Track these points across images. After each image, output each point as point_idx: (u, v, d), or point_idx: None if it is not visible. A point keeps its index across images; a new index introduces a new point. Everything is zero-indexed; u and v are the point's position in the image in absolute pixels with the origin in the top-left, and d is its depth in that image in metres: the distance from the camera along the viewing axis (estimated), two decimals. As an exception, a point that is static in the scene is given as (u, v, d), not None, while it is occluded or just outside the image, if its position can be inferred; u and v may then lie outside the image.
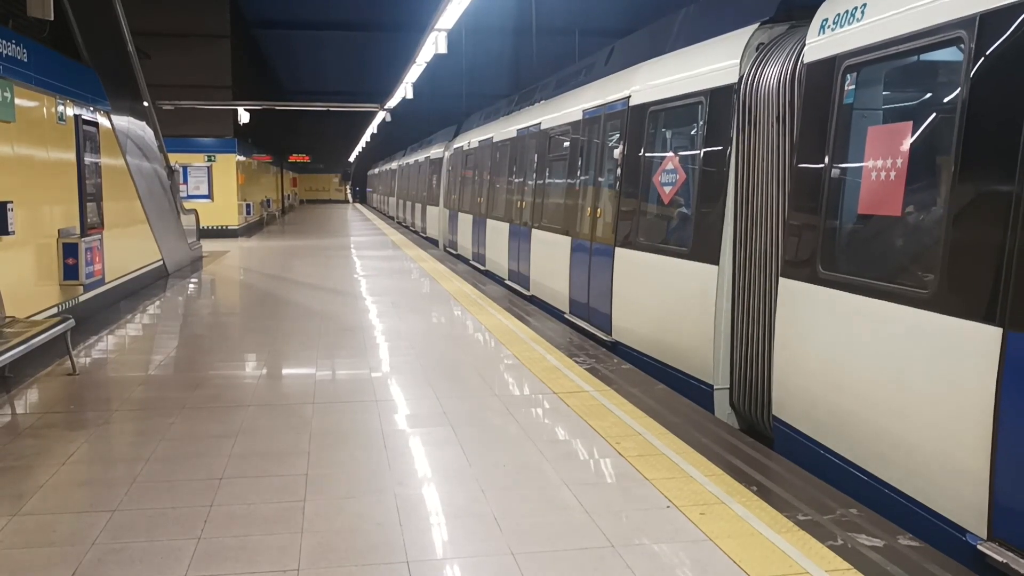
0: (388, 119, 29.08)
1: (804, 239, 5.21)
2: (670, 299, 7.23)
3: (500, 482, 4.50)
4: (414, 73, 19.03)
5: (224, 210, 24.19)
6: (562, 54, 22.44)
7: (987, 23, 3.76)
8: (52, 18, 8.47)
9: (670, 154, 7.64)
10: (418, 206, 27.16)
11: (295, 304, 11.16)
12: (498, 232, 14.31)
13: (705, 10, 7.76)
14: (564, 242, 10.25)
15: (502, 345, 8.15)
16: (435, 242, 22.59)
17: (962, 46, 3.92)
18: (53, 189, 8.95)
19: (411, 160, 30.71)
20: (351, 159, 67.21)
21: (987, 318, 3.63)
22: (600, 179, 9.27)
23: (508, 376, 6.92)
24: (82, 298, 9.47)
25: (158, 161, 14.60)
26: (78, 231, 9.47)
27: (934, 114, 4.43)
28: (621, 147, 8.44)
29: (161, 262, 13.85)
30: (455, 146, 20.38)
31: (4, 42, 7.60)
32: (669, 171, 7.44)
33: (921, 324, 4.05)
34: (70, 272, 9.00)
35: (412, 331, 8.92)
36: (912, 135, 4.37)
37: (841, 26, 4.98)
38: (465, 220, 17.64)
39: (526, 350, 7.90)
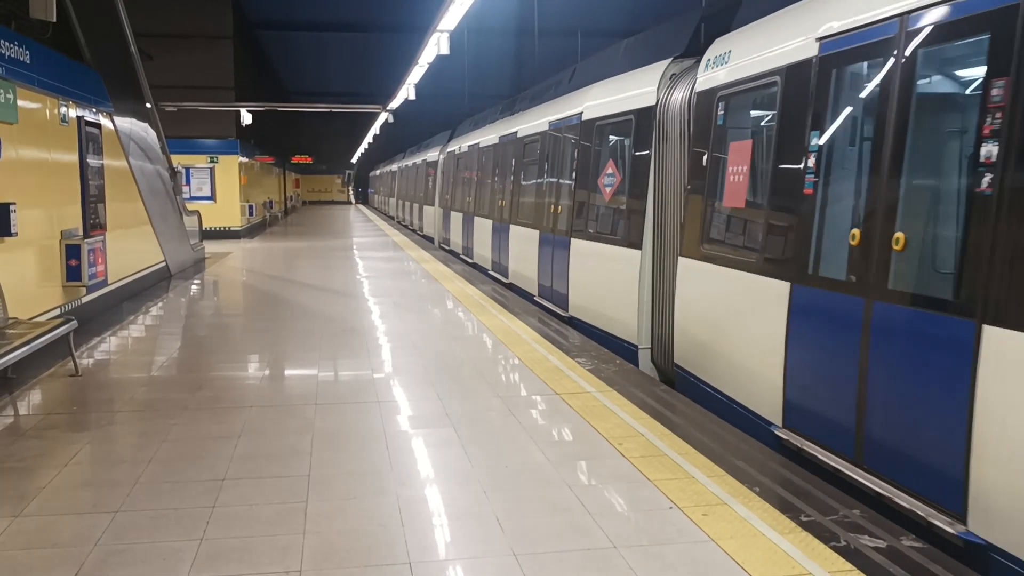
0: (390, 120, 29.09)
1: (693, 226, 6.95)
2: (608, 278, 8.91)
3: (502, 483, 4.50)
4: (416, 74, 19.04)
5: (227, 211, 24.20)
6: (565, 55, 22.45)
7: (791, 71, 5.49)
8: (55, 19, 8.47)
9: (610, 161, 9.23)
10: (415, 206, 29.15)
11: (297, 305, 11.17)
12: (483, 228, 15.93)
13: (642, 41, 9.53)
14: (534, 235, 11.98)
15: (504, 346, 8.15)
16: (431, 239, 23.77)
17: (775, 88, 5.69)
18: (56, 191, 8.96)
19: (410, 162, 32.74)
20: (353, 160, 67.28)
21: (781, 276, 5.38)
22: (560, 180, 10.92)
23: (510, 377, 6.93)
24: (85, 299, 9.49)
25: (161, 162, 14.62)
26: (81, 232, 9.48)
27: (763, 133, 6.21)
28: (575, 153, 10.24)
29: (164, 263, 13.86)
30: (448, 150, 21.87)
31: (7, 43, 7.61)
32: (609, 174, 9.12)
33: (752, 283, 5.80)
34: (73, 273, 9.01)
35: (414, 332, 8.93)
36: (752, 149, 6.22)
37: (717, 66, 6.72)
38: (456, 218, 19.43)
39: (528, 351, 7.90)
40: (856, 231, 4.59)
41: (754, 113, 6.57)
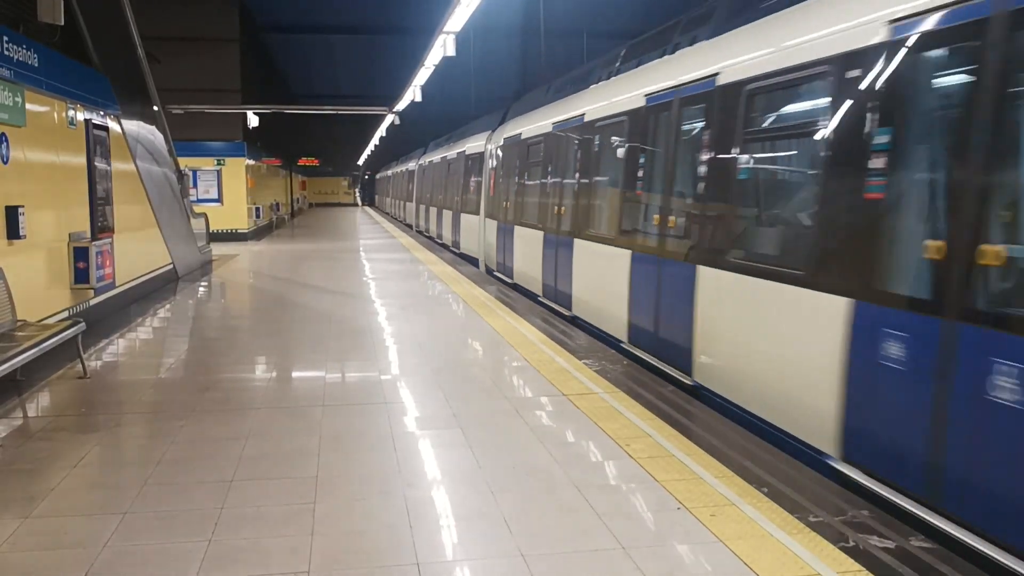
0: (397, 122, 29.12)
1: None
2: (471, 230, 18.19)
3: (510, 484, 4.50)
4: (423, 76, 19.06)
5: (233, 214, 24.25)
6: (570, 56, 22.47)
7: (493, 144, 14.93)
8: (62, 23, 8.51)
9: (474, 176, 18.16)
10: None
11: (304, 307, 11.19)
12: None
13: (485, 119, 19.19)
14: (475, 221, 18.80)
15: (511, 347, 8.15)
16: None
17: (488, 151, 17.11)
18: (64, 193, 8.99)
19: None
20: (360, 162, 67.35)
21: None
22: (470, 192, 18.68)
23: (517, 378, 6.92)
24: (93, 302, 9.52)
25: (168, 165, 14.66)
26: (88, 235, 9.51)
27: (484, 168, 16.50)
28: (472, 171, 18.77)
29: (171, 266, 13.90)
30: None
31: (15, 47, 7.64)
32: (475, 184, 18.21)
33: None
34: (81, 276, 9.04)
35: (421, 333, 8.93)
36: (491, 173, 16.84)
37: (496, 135, 16.67)
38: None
39: (535, 352, 7.90)
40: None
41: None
